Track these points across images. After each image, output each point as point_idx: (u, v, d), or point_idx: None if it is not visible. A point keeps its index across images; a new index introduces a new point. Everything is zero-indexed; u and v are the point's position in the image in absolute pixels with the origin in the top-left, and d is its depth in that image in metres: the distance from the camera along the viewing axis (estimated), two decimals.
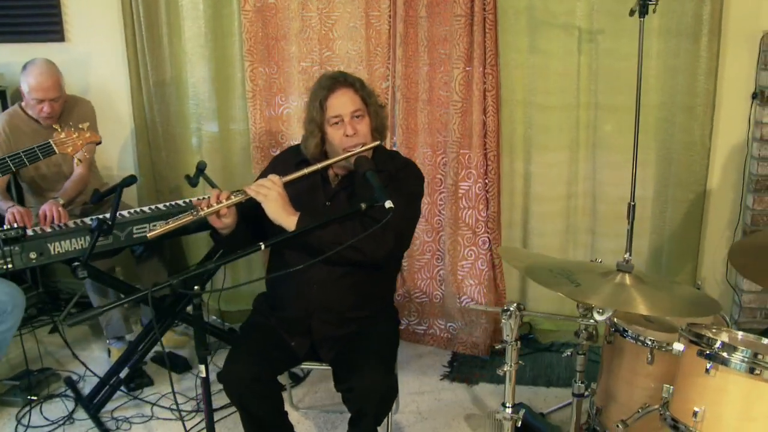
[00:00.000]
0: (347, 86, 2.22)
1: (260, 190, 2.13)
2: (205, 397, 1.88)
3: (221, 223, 2.16)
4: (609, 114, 3.28)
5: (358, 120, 2.21)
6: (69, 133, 2.64)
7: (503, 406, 1.97)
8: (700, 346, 1.62)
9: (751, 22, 3.10)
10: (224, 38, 3.43)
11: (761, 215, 3.22)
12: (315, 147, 2.24)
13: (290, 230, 2.11)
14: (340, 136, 2.19)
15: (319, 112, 2.20)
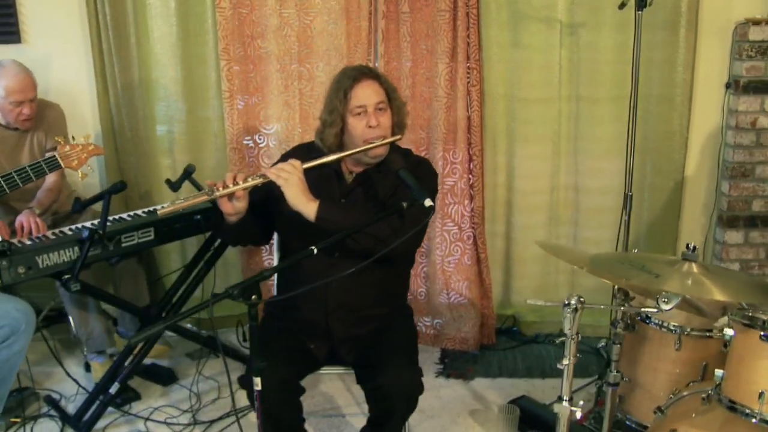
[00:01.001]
0: (372, 78, 2.18)
1: (281, 173, 2.06)
2: (259, 413, 1.79)
3: (232, 208, 2.08)
4: (590, 106, 3.33)
5: (381, 112, 2.16)
6: (73, 146, 2.51)
7: (560, 399, 1.94)
8: (762, 330, 1.65)
9: (724, 15, 3.21)
10: (197, 37, 3.29)
11: (737, 201, 3.33)
12: (334, 137, 2.18)
13: (310, 217, 2.06)
14: (363, 126, 2.14)
15: (343, 101, 2.14)
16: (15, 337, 2.23)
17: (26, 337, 2.29)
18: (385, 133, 2.19)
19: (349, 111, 2.16)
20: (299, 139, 3.35)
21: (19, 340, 2.24)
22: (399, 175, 2.04)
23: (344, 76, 2.21)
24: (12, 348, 2.23)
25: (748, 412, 1.70)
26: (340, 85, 2.18)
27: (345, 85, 2.17)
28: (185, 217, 2.86)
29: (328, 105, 2.22)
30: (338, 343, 2.24)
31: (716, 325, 2.17)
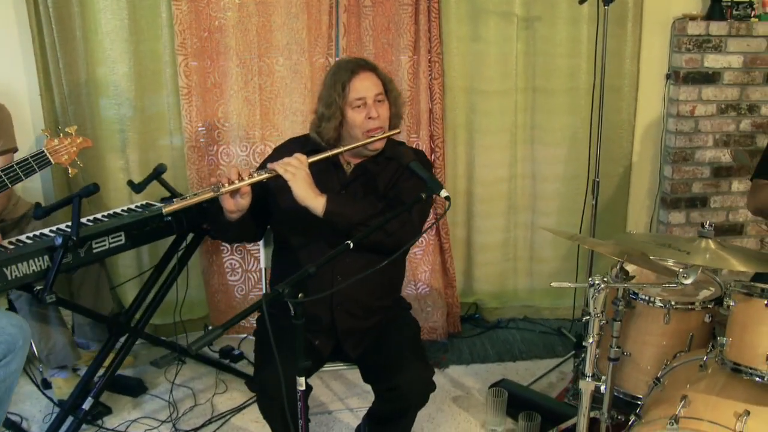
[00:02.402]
0: (370, 70, 2.17)
1: (288, 168, 2.01)
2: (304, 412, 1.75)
3: (234, 204, 2.01)
4: (545, 97, 3.46)
5: (379, 104, 2.16)
6: (62, 139, 2.33)
7: (584, 376, 2.01)
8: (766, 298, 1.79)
9: (664, 10, 3.42)
10: (150, 31, 3.14)
11: (679, 184, 3.56)
12: (333, 130, 2.16)
13: (318, 212, 2.03)
14: (362, 118, 2.13)
15: (341, 94, 2.12)
16: (12, 355, 2.05)
17: (23, 354, 2.12)
18: (384, 125, 2.19)
19: (348, 104, 2.15)
20: (260, 135, 3.29)
21: (16, 358, 2.07)
22: (410, 167, 2.05)
23: (341, 69, 2.19)
24: (9, 367, 2.05)
25: (753, 372, 1.83)
26: (338, 78, 2.17)
27: (343, 78, 2.15)
28: (156, 219, 2.74)
29: (325, 98, 2.19)
30: (343, 338, 2.23)
31: (698, 298, 2.32)
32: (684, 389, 1.99)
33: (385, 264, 2.17)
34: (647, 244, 2.01)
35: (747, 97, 3.45)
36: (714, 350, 2.08)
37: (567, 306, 3.71)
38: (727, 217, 3.61)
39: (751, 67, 3.40)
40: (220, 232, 2.29)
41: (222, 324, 1.57)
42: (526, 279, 3.76)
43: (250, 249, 3.43)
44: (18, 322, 2.13)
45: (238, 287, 3.47)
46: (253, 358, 3.19)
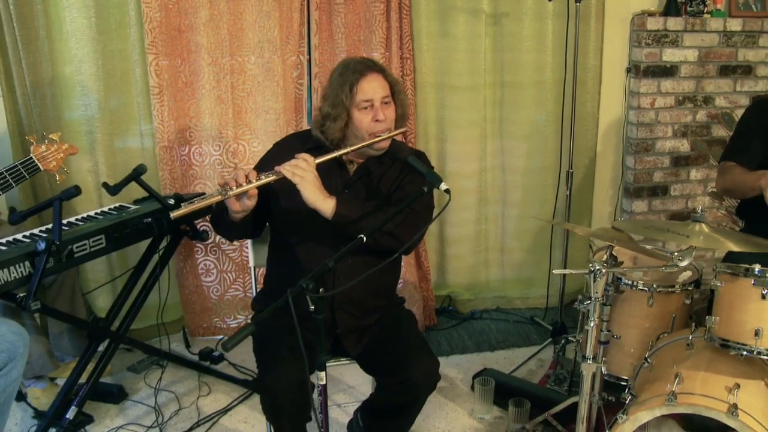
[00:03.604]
0: (377, 72, 2.16)
1: (296, 171, 1.99)
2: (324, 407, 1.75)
3: (240, 206, 2.00)
4: (513, 91, 3.54)
5: (386, 106, 2.15)
6: (48, 146, 2.25)
7: (585, 359, 2.07)
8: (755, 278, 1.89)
9: (624, 6, 3.55)
10: (118, 30, 3.07)
11: (641, 173, 3.70)
12: (339, 131, 2.15)
13: (327, 215, 2.02)
14: (369, 120, 2.13)
15: (349, 95, 2.11)
16: (13, 363, 1.98)
17: (23, 362, 2.04)
18: (390, 126, 2.18)
19: (355, 105, 2.13)
20: (233, 134, 3.26)
21: (16, 366, 1.99)
22: (408, 162, 2.07)
23: (348, 70, 2.16)
24: (10, 375, 1.98)
25: (742, 347, 1.94)
26: (345, 79, 2.14)
27: (351, 80, 2.13)
28: (135, 221, 2.69)
29: (331, 98, 2.16)
30: (344, 337, 2.24)
31: (678, 281, 2.43)
32: (674, 367, 2.08)
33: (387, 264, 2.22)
34: (649, 230, 2.09)
35: (702, 89, 3.61)
36: (698, 329, 2.20)
37: (537, 295, 3.82)
38: (687, 204, 3.77)
39: (706, 60, 3.57)
40: (222, 230, 2.26)
41: (253, 320, 1.57)
42: (497, 270, 3.84)
43: (225, 249, 3.40)
44: (17, 329, 2.06)
45: (213, 288, 3.43)
46: (234, 359, 3.23)
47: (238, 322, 3.50)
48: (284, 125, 3.31)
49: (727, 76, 3.61)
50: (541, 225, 3.72)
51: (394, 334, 2.24)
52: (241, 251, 3.42)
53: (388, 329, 2.27)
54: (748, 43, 3.57)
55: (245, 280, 3.46)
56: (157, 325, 3.12)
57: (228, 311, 3.47)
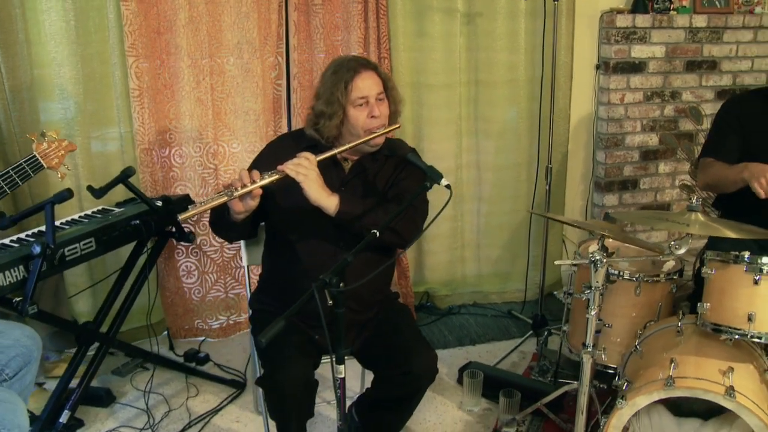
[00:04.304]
0: (371, 69, 2.19)
1: (299, 169, 2.01)
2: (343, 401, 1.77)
3: (243, 206, 2.01)
4: (487, 89, 3.60)
5: (380, 102, 2.19)
6: (50, 143, 2.21)
7: (584, 346, 2.13)
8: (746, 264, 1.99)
9: (592, 4, 3.65)
10: (97, 33, 3.03)
11: (612, 168, 3.82)
12: (335, 128, 2.18)
13: (330, 212, 2.06)
14: (364, 117, 2.16)
15: (344, 93, 2.14)
16: (28, 367, 1.95)
17: (36, 366, 2.01)
18: (385, 122, 2.22)
19: (351, 102, 2.16)
20: (213, 135, 3.24)
21: (31, 370, 1.97)
22: (408, 158, 2.11)
23: (342, 68, 2.19)
24: (25, 380, 1.95)
25: (735, 331, 2.03)
26: (340, 77, 2.17)
27: (346, 77, 2.16)
28: (123, 224, 2.66)
29: (326, 96, 2.18)
30: (345, 331, 2.25)
31: (663, 270, 2.52)
32: (665, 354, 2.17)
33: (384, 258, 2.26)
34: (649, 219, 2.17)
35: (669, 85, 3.74)
36: (686, 316, 2.30)
37: (513, 290, 3.90)
38: (656, 197, 3.91)
39: (673, 56, 3.70)
40: (222, 232, 2.27)
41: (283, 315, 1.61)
42: (473, 266, 3.90)
43: (206, 251, 3.38)
44: (31, 333, 2.03)
45: (195, 290, 3.41)
46: (219, 360, 3.21)
47: (221, 324, 3.48)
48: (263, 126, 3.31)
49: (693, 72, 3.75)
50: (516, 221, 3.80)
51: (392, 328, 2.29)
52: (222, 252, 3.40)
53: (386, 323, 2.30)
54: (713, 38, 3.72)
55: (226, 281, 3.45)
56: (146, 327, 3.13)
57: (210, 312, 3.46)
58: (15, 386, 1.91)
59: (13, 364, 1.90)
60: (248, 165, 3.21)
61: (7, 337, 1.92)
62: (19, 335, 1.96)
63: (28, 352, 1.95)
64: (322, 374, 3.07)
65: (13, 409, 1.71)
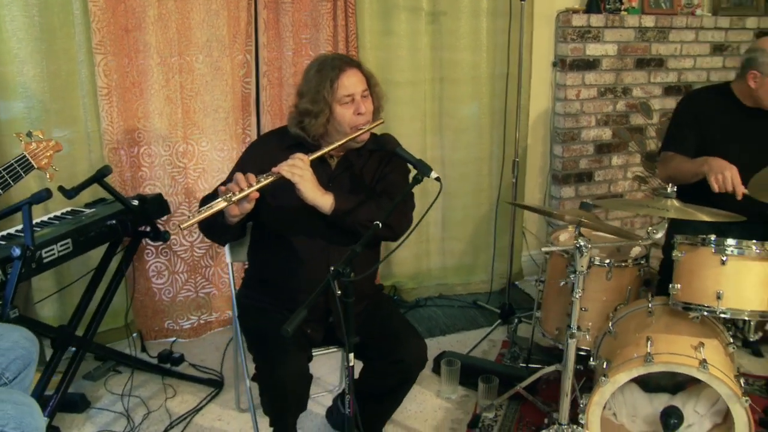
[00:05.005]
0: (355, 66, 2.23)
1: (294, 170, 2.03)
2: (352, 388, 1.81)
3: (238, 210, 2.02)
4: (451, 87, 3.70)
5: (365, 99, 2.24)
6: (38, 142, 2.15)
7: (569, 328, 2.22)
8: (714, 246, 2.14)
9: (548, 3, 3.79)
10: (62, 29, 2.95)
11: (568, 161, 3.97)
12: (321, 126, 2.21)
13: (326, 210, 2.10)
14: (351, 114, 2.20)
15: (330, 91, 2.17)
16: (27, 370, 1.90)
17: (34, 368, 1.96)
18: (370, 119, 2.27)
19: (337, 100, 2.19)
20: (182, 134, 3.22)
21: (30, 373, 1.92)
22: (397, 153, 2.17)
23: (327, 66, 2.22)
24: (24, 382, 1.90)
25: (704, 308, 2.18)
26: (325, 76, 2.20)
27: (331, 76, 2.19)
28: (99, 224, 2.63)
29: (311, 95, 2.20)
30: (336, 324, 2.30)
31: (630, 256, 2.66)
32: (639, 333, 2.30)
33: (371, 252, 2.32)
34: (630, 206, 2.29)
35: (621, 81, 3.93)
36: (655, 298, 2.44)
37: (477, 281, 4.02)
38: (609, 189, 4.09)
39: (624, 54, 3.88)
40: (216, 236, 2.28)
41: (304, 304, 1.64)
42: (438, 258, 4.00)
43: (176, 250, 3.36)
44: (29, 335, 1.99)
45: (165, 290, 3.38)
46: (193, 360, 3.20)
47: (192, 324, 3.46)
48: (233, 124, 3.32)
49: (642, 69, 3.95)
50: (479, 214, 3.91)
51: (381, 319, 2.34)
52: (192, 251, 3.38)
53: (375, 314, 2.36)
54: (660, 38, 3.92)
55: (197, 281, 3.43)
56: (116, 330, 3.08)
57: (181, 312, 3.43)
58: (16, 389, 1.87)
59: (13, 366, 1.86)
60: (217, 163, 3.31)
61: (6, 340, 1.88)
62: (18, 337, 1.92)
63: (28, 353, 1.91)
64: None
65: (30, 412, 1.68)
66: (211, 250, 3.43)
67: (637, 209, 2.27)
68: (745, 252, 2.16)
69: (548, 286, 2.79)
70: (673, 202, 2.09)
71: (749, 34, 4.17)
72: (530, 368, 2.99)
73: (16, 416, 1.62)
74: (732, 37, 4.14)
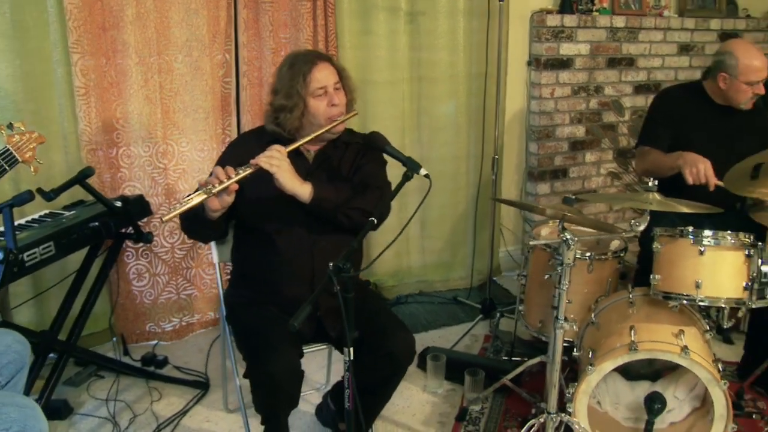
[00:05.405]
0: (326, 60, 2.29)
1: (272, 161, 2.07)
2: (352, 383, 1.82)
3: (220, 203, 2.04)
4: (429, 86, 3.74)
5: (338, 91, 2.28)
6: (21, 134, 2.11)
7: (557, 320, 2.27)
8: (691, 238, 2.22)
9: (523, 4, 3.86)
10: (36, 28, 2.91)
11: (544, 158, 4.05)
12: (297, 120, 2.25)
13: (305, 199, 2.13)
14: (324, 106, 2.25)
15: (303, 85, 2.22)
16: (20, 374, 1.87)
17: (26, 372, 1.94)
18: (343, 110, 2.32)
19: (311, 93, 2.24)
20: (162, 134, 3.20)
21: (22, 377, 1.89)
22: (386, 150, 2.20)
23: (299, 61, 2.27)
24: (17, 386, 1.87)
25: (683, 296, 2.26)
26: (297, 71, 2.25)
27: (303, 70, 2.24)
28: (81, 226, 2.60)
29: (285, 90, 2.25)
30: (324, 317, 2.32)
31: (610, 249, 2.73)
32: (622, 323, 2.37)
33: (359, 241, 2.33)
34: (615, 200, 2.35)
35: (594, 80, 4.01)
36: (635, 289, 2.51)
37: (456, 277, 4.06)
38: (583, 185, 4.17)
39: (596, 54, 3.97)
40: (198, 234, 2.29)
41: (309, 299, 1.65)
42: (418, 256, 4.03)
43: (157, 252, 3.33)
44: (21, 339, 1.96)
45: (146, 293, 3.35)
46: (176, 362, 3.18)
47: (174, 326, 3.44)
48: (213, 124, 3.31)
49: (614, 68, 4.04)
50: (457, 212, 3.96)
51: (369, 313, 2.35)
52: (173, 253, 3.36)
53: (363, 309, 2.35)
54: (630, 38, 4.02)
55: (178, 282, 3.41)
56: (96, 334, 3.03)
57: (162, 315, 3.40)
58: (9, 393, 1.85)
59: (6, 371, 1.84)
60: (198, 164, 3.30)
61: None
62: (10, 341, 1.90)
63: (20, 357, 1.89)
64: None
65: (33, 414, 1.67)
66: (192, 251, 3.41)
67: (622, 203, 2.34)
68: (721, 242, 2.25)
69: (531, 280, 2.84)
70: (655, 195, 2.16)
71: (713, 35, 4.31)
72: (514, 361, 3.04)
73: (20, 419, 1.60)
74: (697, 37, 4.26)
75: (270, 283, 2.30)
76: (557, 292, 2.22)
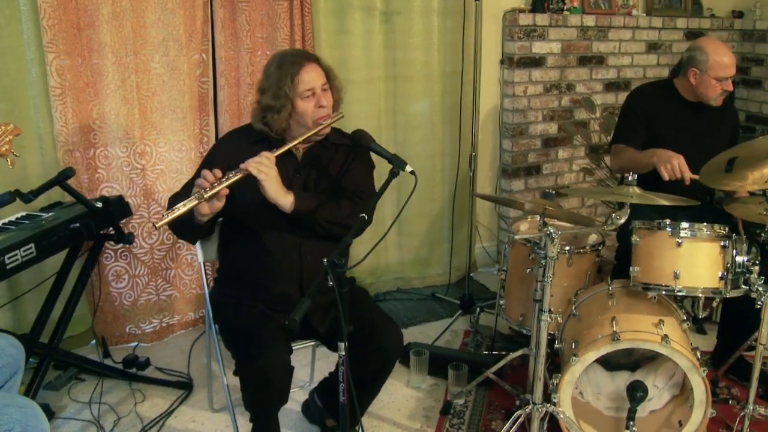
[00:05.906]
0: (314, 61, 2.30)
1: (261, 168, 2.09)
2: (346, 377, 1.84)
3: (209, 208, 2.05)
4: (405, 84, 3.77)
5: (325, 92, 2.30)
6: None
7: (542, 312, 2.31)
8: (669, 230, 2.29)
9: (495, 3, 3.91)
10: (8, 26, 2.86)
11: (517, 155, 4.11)
12: (284, 120, 2.27)
13: (286, 209, 2.16)
14: (312, 108, 2.26)
15: (291, 86, 2.23)
16: (15, 378, 1.84)
17: (21, 376, 1.91)
18: (331, 111, 2.34)
19: (299, 95, 2.25)
20: (140, 135, 3.18)
21: (17, 380, 1.86)
22: (371, 148, 2.23)
23: (286, 62, 2.28)
24: (12, 390, 1.84)
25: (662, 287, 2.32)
26: (285, 71, 2.26)
27: (291, 71, 2.25)
28: (61, 228, 2.58)
29: (273, 91, 2.26)
30: (311, 314, 2.34)
31: (588, 243, 2.80)
32: (602, 315, 2.43)
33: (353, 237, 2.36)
34: (596, 194, 2.41)
35: (565, 78, 4.09)
36: (614, 281, 2.57)
37: (434, 274, 4.11)
38: (556, 181, 4.25)
39: (567, 52, 4.05)
40: (187, 235, 2.30)
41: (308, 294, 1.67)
42: (396, 253, 4.07)
43: (136, 253, 3.30)
44: (15, 342, 1.93)
45: (125, 294, 3.32)
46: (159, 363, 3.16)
47: (154, 327, 3.41)
48: (191, 124, 3.29)
49: (585, 66, 4.13)
50: (434, 209, 4.00)
51: (356, 308, 2.36)
52: (152, 254, 3.34)
53: (352, 303, 2.36)
54: (600, 36, 4.11)
55: (158, 283, 3.39)
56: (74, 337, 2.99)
57: (142, 316, 3.38)
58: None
59: (0, 375, 1.82)
60: (176, 164, 3.28)
61: None
62: (4, 345, 1.87)
63: (15, 361, 1.86)
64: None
65: (35, 415, 1.65)
66: (171, 252, 3.39)
67: (604, 196, 2.39)
68: (698, 234, 2.32)
69: (511, 274, 2.89)
70: (635, 189, 2.23)
71: (680, 34, 4.43)
72: (495, 355, 3.09)
73: (22, 420, 1.59)
74: (664, 36, 4.38)
75: (259, 282, 2.31)
76: (540, 285, 2.27)
